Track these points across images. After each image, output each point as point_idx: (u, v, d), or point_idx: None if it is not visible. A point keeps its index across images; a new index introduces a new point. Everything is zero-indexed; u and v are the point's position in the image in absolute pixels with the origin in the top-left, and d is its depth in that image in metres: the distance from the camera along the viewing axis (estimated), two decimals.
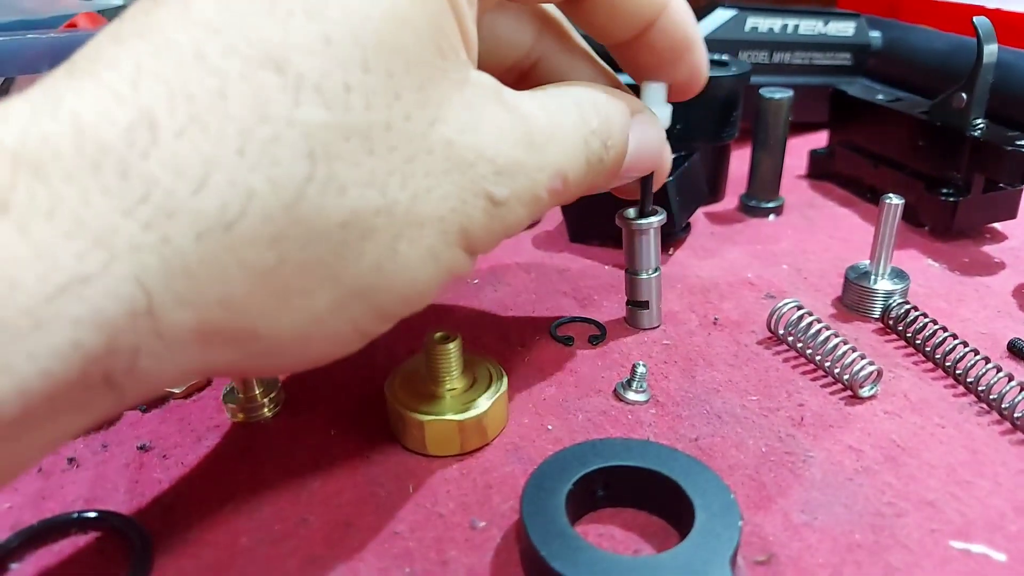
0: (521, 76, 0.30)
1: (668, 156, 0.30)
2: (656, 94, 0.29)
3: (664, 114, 0.29)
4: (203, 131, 0.16)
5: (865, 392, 0.30)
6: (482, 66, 0.22)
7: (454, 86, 0.20)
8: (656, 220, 0.32)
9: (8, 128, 0.15)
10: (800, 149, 0.53)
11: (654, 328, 0.35)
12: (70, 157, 0.15)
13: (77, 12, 0.56)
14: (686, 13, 0.27)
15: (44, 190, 0.15)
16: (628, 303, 0.35)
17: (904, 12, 0.74)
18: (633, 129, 0.27)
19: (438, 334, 0.27)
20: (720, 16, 0.54)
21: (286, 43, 0.17)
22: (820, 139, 0.56)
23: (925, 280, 0.38)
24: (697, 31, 0.28)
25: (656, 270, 0.34)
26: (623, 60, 0.29)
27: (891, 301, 0.35)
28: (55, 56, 0.43)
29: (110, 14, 0.58)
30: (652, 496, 0.24)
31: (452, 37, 0.20)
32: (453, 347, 0.27)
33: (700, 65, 0.29)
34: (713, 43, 0.53)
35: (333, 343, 0.20)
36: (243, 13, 0.17)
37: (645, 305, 0.34)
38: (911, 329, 0.33)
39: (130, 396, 0.17)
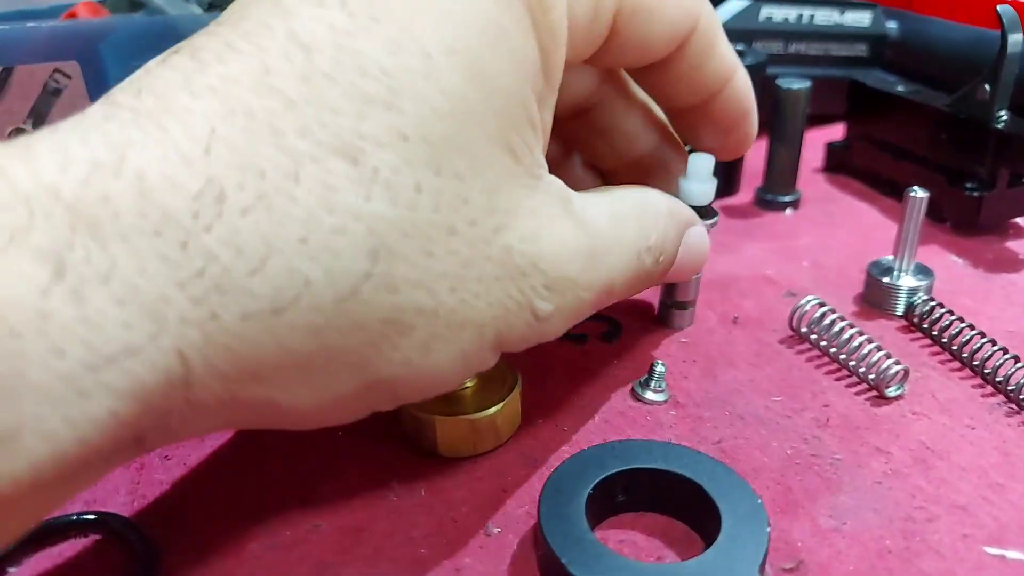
0: (577, 114, 0.29)
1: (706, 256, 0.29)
2: (704, 167, 0.29)
3: (709, 189, 0.29)
4: (268, 212, 0.15)
5: (891, 392, 0.29)
6: None
7: (524, 191, 0.19)
8: (711, 223, 0.31)
9: (67, 178, 0.14)
10: (815, 142, 0.52)
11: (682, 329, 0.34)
12: (130, 219, 0.14)
13: (77, 1, 0.55)
14: (747, 83, 0.28)
15: (101, 253, 0.14)
16: (668, 304, 0.33)
17: (918, 2, 0.72)
18: (684, 241, 0.27)
19: None
20: (734, 5, 0.53)
21: (362, 133, 0.16)
22: (835, 132, 0.55)
23: (949, 277, 0.37)
24: (753, 100, 0.28)
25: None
26: (678, 123, 0.29)
27: (915, 298, 0.34)
28: (56, 46, 0.42)
29: (111, 4, 0.57)
30: (675, 500, 0.23)
31: (528, 135, 0.19)
32: None
33: (751, 133, 0.29)
34: (726, 33, 0.52)
35: (345, 417, 0.20)
36: (322, 90, 0.16)
37: (688, 305, 0.33)
38: (937, 327, 0.32)
39: (151, 449, 0.17)
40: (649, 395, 0.28)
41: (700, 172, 0.29)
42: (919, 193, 0.33)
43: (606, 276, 0.22)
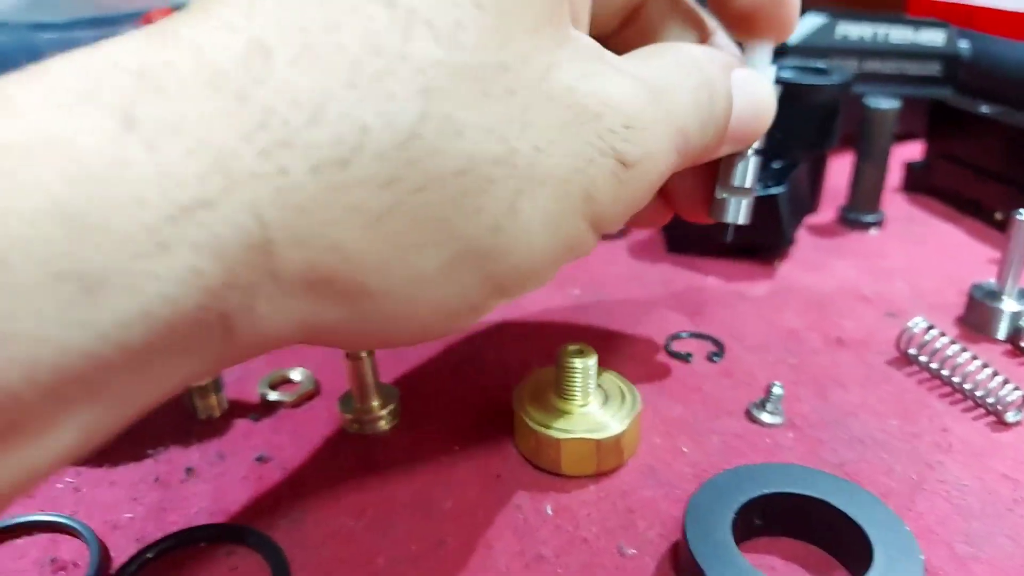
0: (624, 24, 0.28)
1: (773, 109, 0.27)
2: (760, 54, 0.27)
3: (768, 75, 0.27)
4: (315, 61, 0.15)
5: (1011, 417, 0.28)
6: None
7: (565, 37, 0.19)
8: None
9: (126, 53, 0.15)
10: (892, 161, 0.51)
11: (745, 233, 0.30)
12: (191, 79, 0.15)
13: (152, 8, 0.56)
14: None
15: (168, 108, 0.14)
16: (722, 191, 0.28)
17: (980, 22, 0.72)
18: (735, 83, 0.25)
19: (572, 347, 0.26)
20: (810, 23, 0.52)
21: None
22: (910, 150, 0.54)
23: None
24: None
25: (758, 151, 0.28)
26: (721, 12, 0.27)
27: (1021, 322, 0.33)
28: None
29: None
30: (815, 526, 0.23)
31: None
32: (590, 362, 0.26)
33: (796, 9, 0.27)
34: (803, 50, 0.52)
35: (441, 312, 0.18)
36: None
37: (744, 194, 0.28)
38: None
39: (242, 344, 0.16)
40: (766, 417, 0.28)
41: (756, 58, 0.27)
42: None
43: (676, 115, 0.21)
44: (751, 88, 0.25)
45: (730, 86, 0.24)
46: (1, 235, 0.12)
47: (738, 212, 0.29)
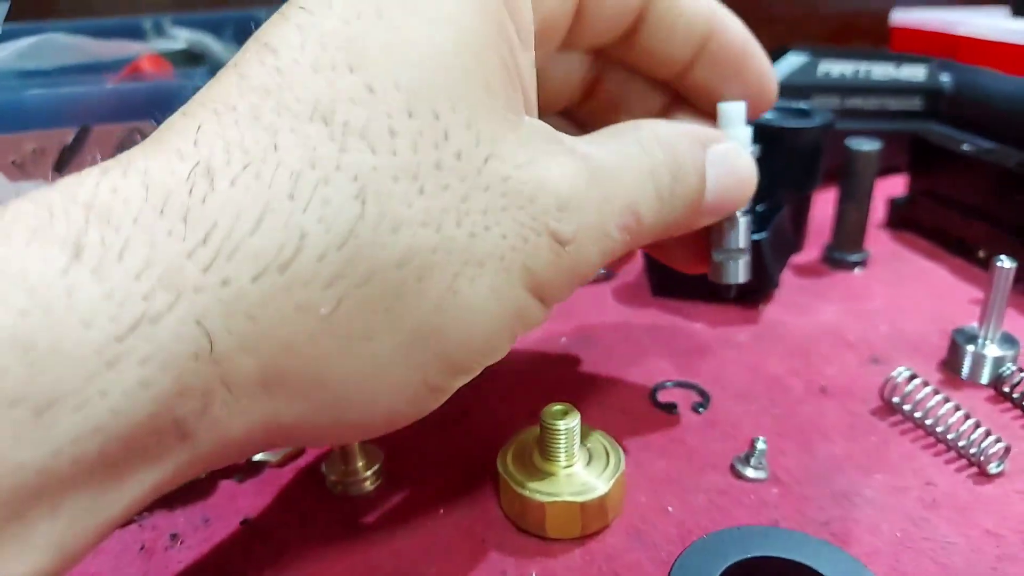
0: (584, 96, 0.29)
1: (755, 180, 0.27)
2: (732, 115, 0.27)
3: (744, 135, 0.27)
4: (256, 178, 0.17)
5: (994, 469, 0.28)
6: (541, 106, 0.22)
7: (508, 125, 0.20)
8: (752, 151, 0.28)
9: (82, 186, 0.16)
10: (874, 196, 0.52)
11: (742, 284, 0.30)
12: (137, 204, 0.16)
13: (139, 55, 0.56)
14: (736, 21, 0.27)
15: (114, 234, 0.15)
16: (717, 255, 0.29)
17: (963, 53, 0.73)
18: (710, 160, 0.25)
19: (555, 407, 0.26)
20: (792, 61, 0.53)
21: (331, 96, 0.18)
22: (892, 185, 0.55)
23: None
24: (749, 35, 0.27)
25: (747, 212, 0.29)
26: (689, 90, 0.28)
27: (1003, 368, 0.33)
28: (132, 105, 0.42)
29: (172, 56, 0.58)
30: None
31: (501, 75, 0.20)
32: (573, 423, 0.26)
33: (766, 69, 0.28)
34: (785, 89, 0.52)
35: (401, 396, 0.19)
36: (292, 74, 0.18)
37: (739, 255, 0.29)
38: None
39: (204, 450, 0.17)
40: (750, 472, 0.28)
41: (730, 119, 0.27)
42: (1007, 263, 0.33)
43: (623, 195, 0.22)
44: (729, 162, 0.26)
45: (703, 162, 0.25)
46: None
47: (737, 272, 0.30)
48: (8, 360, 0.14)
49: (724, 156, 0.26)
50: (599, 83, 0.29)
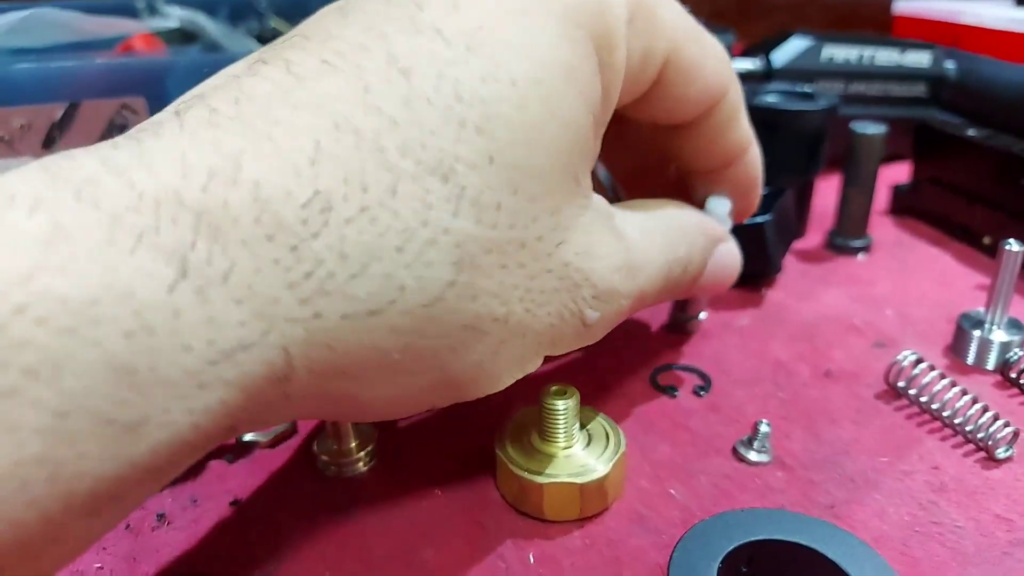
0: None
1: (737, 273, 0.31)
2: (720, 211, 0.30)
3: (727, 223, 0.30)
4: (371, 223, 0.17)
5: (1002, 454, 0.28)
6: None
7: (579, 210, 0.21)
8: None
9: (188, 184, 0.15)
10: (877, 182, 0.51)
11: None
12: (247, 224, 0.15)
13: (132, 33, 0.55)
14: (759, 157, 0.30)
15: (221, 255, 0.15)
16: (679, 315, 0.36)
17: (966, 42, 0.72)
18: (714, 256, 0.28)
19: (554, 388, 0.26)
20: (795, 45, 0.52)
21: (455, 154, 0.18)
22: (895, 172, 0.54)
23: None
24: (761, 173, 0.30)
25: None
26: (694, 186, 0.30)
27: (1010, 354, 0.33)
28: (122, 81, 0.41)
29: (165, 35, 0.57)
30: (803, 575, 0.22)
31: (586, 162, 0.21)
32: (572, 403, 0.25)
33: (755, 204, 0.31)
34: (789, 73, 0.52)
35: (407, 411, 0.21)
36: (422, 113, 0.17)
37: (696, 316, 0.36)
38: None
39: (238, 437, 0.19)
40: (753, 456, 0.27)
41: (719, 215, 0.30)
42: (1015, 247, 0.32)
43: (641, 286, 0.24)
44: (727, 261, 0.29)
45: (708, 257, 0.28)
46: (60, 393, 0.13)
47: (693, 327, 0.36)
48: (106, 385, 0.14)
49: (724, 255, 0.29)
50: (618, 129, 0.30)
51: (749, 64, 0.52)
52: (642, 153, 0.32)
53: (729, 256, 0.29)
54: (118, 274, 0.14)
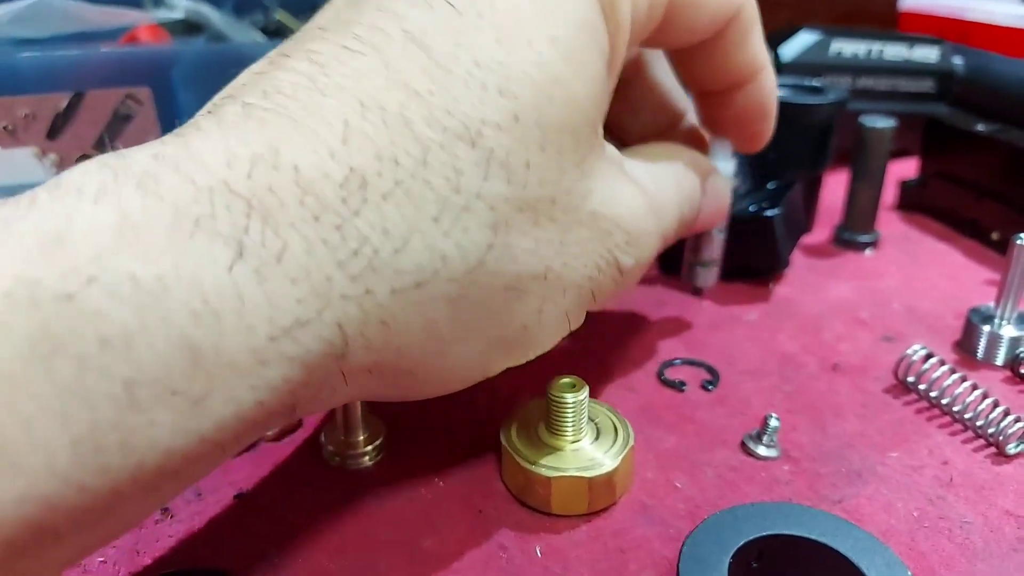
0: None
1: (727, 201, 0.31)
2: (724, 150, 0.31)
3: (729, 168, 0.31)
4: (407, 196, 0.17)
5: (1012, 449, 0.28)
6: None
7: (599, 160, 0.21)
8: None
9: (234, 173, 0.16)
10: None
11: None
12: (293, 207, 0.16)
13: (137, 24, 0.55)
14: (773, 83, 0.29)
15: (274, 237, 0.16)
16: (693, 263, 0.35)
17: (974, 38, 0.72)
18: (707, 187, 0.29)
19: (563, 380, 0.25)
20: (804, 39, 0.52)
21: (481, 118, 0.18)
22: (904, 168, 0.54)
23: None
24: (775, 102, 0.30)
25: (722, 229, 0.34)
26: (705, 110, 0.30)
27: (1020, 348, 0.33)
28: (127, 71, 0.41)
29: (170, 26, 0.57)
30: (814, 570, 0.22)
31: (602, 113, 0.21)
32: (581, 396, 0.25)
33: (767, 132, 0.31)
34: (797, 67, 0.52)
35: (463, 381, 0.21)
36: (443, 82, 0.18)
37: (712, 264, 0.34)
38: None
39: (295, 419, 0.19)
40: (761, 450, 0.27)
41: (721, 153, 0.31)
42: None
43: (665, 227, 0.25)
44: (718, 190, 0.30)
45: (702, 191, 0.29)
46: (130, 364, 0.14)
47: (707, 279, 0.35)
48: (175, 360, 0.14)
49: (714, 186, 0.30)
50: (623, 87, 0.30)
51: None
52: (645, 114, 0.32)
53: (720, 184, 0.30)
54: (183, 257, 0.15)
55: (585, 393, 0.25)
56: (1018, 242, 0.32)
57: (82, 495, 0.14)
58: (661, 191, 0.25)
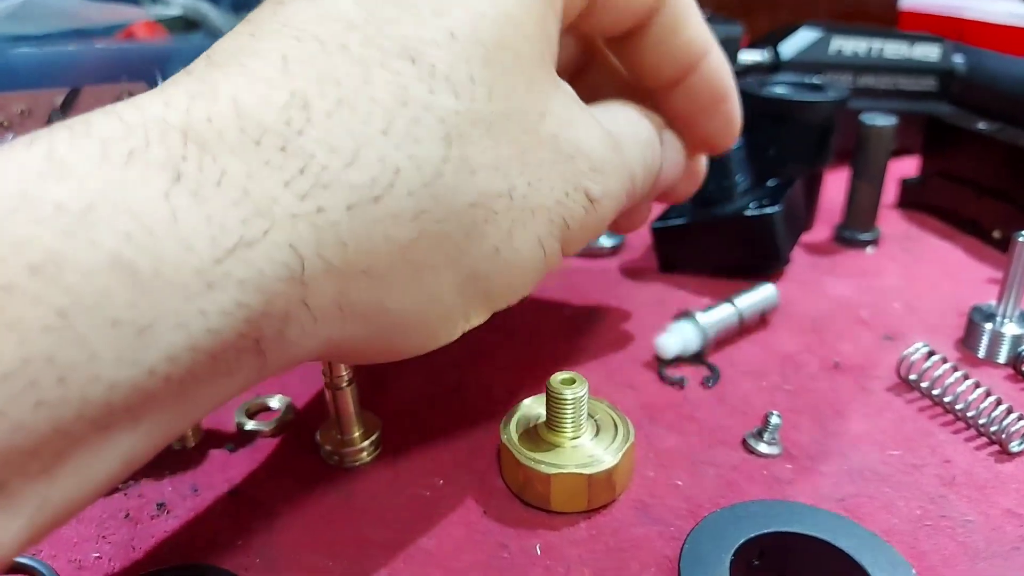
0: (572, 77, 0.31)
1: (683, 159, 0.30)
2: None
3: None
4: (352, 112, 0.17)
5: (1015, 447, 0.27)
6: None
7: (553, 87, 0.21)
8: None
9: (172, 111, 0.16)
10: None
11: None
12: (233, 135, 0.16)
13: (134, 21, 0.55)
14: (724, 63, 0.29)
15: (212, 162, 0.16)
16: None
17: (971, 37, 0.71)
18: (663, 140, 0.28)
19: (563, 376, 0.25)
20: (805, 37, 0.52)
21: (418, 37, 0.18)
22: (904, 166, 0.54)
23: None
24: (732, 82, 0.29)
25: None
26: (663, 106, 0.29)
27: (1022, 347, 0.32)
28: (124, 67, 0.41)
29: (167, 23, 0.57)
30: (815, 568, 0.22)
31: (550, 43, 0.22)
32: (582, 392, 0.25)
33: (735, 115, 0.30)
34: (797, 65, 0.51)
35: (444, 325, 0.21)
36: (375, 10, 0.18)
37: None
38: None
39: (271, 365, 0.18)
40: (763, 448, 0.27)
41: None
42: None
43: (629, 162, 0.24)
44: (675, 143, 0.29)
45: (660, 141, 0.28)
46: (63, 290, 0.13)
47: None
48: (112, 283, 0.14)
49: (671, 139, 0.29)
50: (580, 74, 0.31)
51: (757, 56, 0.51)
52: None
53: (676, 146, 0.29)
54: (112, 184, 0.14)
55: (585, 389, 0.25)
56: (1020, 240, 0.32)
57: (23, 433, 0.13)
58: (620, 130, 0.25)
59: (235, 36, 0.18)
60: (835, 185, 0.49)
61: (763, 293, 0.35)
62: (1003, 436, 0.27)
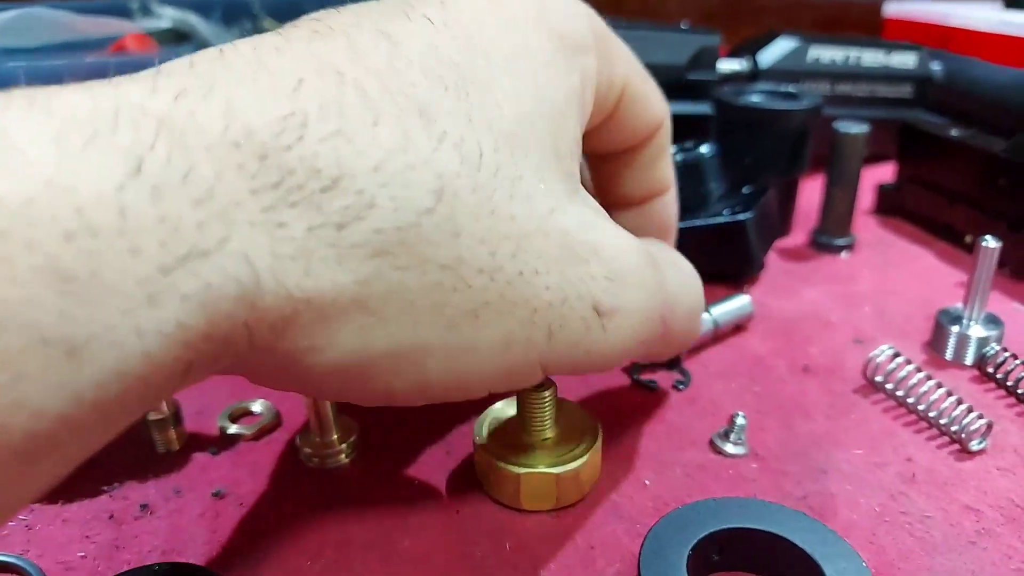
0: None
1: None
2: None
3: None
4: (348, 143, 0.16)
5: (975, 446, 0.28)
6: None
7: (570, 189, 0.20)
8: None
9: (154, 99, 0.15)
10: (862, 183, 0.52)
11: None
12: (214, 133, 0.15)
13: (125, 34, 0.56)
14: (676, 204, 0.30)
15: (182, 157, 0.14)
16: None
17: (955, 43, 0.73)
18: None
19: None
20: (782, 46, 0.53)
21: (437, 106, 0.18)
22: (880, 172, 0.55)
23: (1015, 325, 0.37)
24: (676, 220, 0.31)
25: None
26: (615, 189, 0.29)
27: (987, 349, 0.33)
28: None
29: (158, 36, 0.58)
30: (772, 562, 0.22)
31: (570, 146, 0.21)
32: (549, 394, 0.26)
33: (674, 212, 0.31)
34: (775, 74, 0.52)
35: (363, 389, 0.19)
36: (404, 69, 0.18)
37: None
38: (1012, 377, 0.32)
39: (190, 383, 0.16)
40: (729, 448, 0.28)
41: None
42: (992, 243, 0.32)
43: (667, 290, 0.22)
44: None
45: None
46: None
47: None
48: (44, 292, 0.12)
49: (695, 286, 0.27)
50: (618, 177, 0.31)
51: (736, 65, 0.52)
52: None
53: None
54: (62, 171, 0.13)
55: (553, 391, 0.26)
56: (983, 244, 0.33)
57: None
58: (665, 257, 0.24)
59: (260, 43, 0.17)
60: (812, 191, 0.50)
61: (738, 303, 0.36)
62: (963, 435, 0.28)
